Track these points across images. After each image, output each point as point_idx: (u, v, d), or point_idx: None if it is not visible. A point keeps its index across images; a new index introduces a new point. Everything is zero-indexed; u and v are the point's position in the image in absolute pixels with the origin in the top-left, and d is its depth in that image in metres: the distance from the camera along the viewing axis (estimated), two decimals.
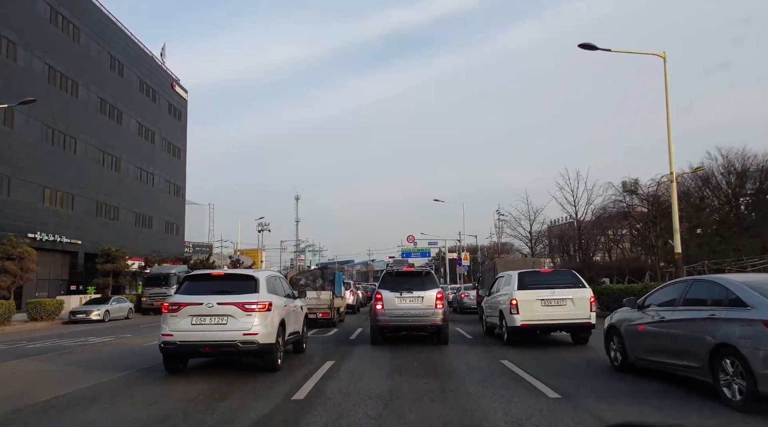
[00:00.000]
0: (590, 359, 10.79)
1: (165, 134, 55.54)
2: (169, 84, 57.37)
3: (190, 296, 8.76)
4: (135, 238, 47.88)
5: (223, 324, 8.48)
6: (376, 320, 13.08)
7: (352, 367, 9.49)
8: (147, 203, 50.88)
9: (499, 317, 14.38)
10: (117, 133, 45.93)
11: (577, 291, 13.31)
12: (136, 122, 49.41)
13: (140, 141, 50.34)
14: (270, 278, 9.90)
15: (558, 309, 13.17)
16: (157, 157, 53.49)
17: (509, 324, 13.33)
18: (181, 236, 60.48)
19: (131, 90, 48.76)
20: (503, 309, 13.92)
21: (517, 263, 20.99)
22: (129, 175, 48.06)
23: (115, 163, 45.66)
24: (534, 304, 13.09)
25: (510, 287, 13.85)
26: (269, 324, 8.77)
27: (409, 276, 13.96)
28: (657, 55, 17.72)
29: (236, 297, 8.66)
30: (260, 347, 8.53)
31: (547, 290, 13.23)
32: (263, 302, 8.72)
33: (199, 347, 8.52)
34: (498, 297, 14.90)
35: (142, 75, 50.81)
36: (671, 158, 17.50)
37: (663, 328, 7.99)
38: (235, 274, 10.26)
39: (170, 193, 56.96)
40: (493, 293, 15.97)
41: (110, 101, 44.82)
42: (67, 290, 38.10)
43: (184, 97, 60.81)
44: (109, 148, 44.57)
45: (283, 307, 9.75)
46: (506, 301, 13.70)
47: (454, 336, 15.08)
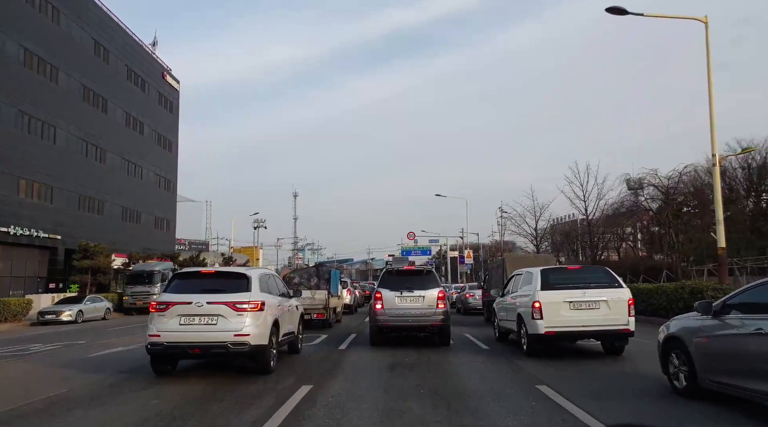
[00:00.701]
0: (635, 376, 8.59)
1: (155, 126, 53.16)
2: (160, 73, 54.98)
3: (178, 295, 8.48)
4: (122, 233, 45.53)
5: (212, 324, 8.19)
6: (376, 320, 12.59)
7: (334, 399, 6.90)
8: (135, 197, 48.52)
9: (516, 321, 12.19)
10: (102, 122, 43.54)
11: (613, 292, 11.13)
12: (123, 112, 47.02)
13: (128, 132, 47.96)
14: (263, 276, 9.55)
15: (589, 313, 10.96)
16: (146, 149, 51.12)
17: (530, 331, 11.16)
18: (172, 232, 58.14)
19: (118, 78, 46.37)
20: (522, 313, 11.73)
21: (527, 260, 18.68)
22: (115, 167, 45.68)
23: (99, 154, 43.27)
24: (561, 307, 10.94)
25: (531, 286, 11.67)
26: (261, 324, 8.47)
27: (409, 275, 13.30)
28: (698, 19, 15.47)
29: (227, 296, 8.38)
30: (252, 348, 8.22)
31: (576, 290, 11.10)
32: (255, 302, 8.43)
33: (187, 348, 8.25)
34: (515, 298, 12.66)
35: (130, 63, 48.43)
36: (713, 137, 15.20)
37: (760, 344, 5.69)
38: (226, 272, 9.78)
39: (160, 187, 54.60)
40: (508, 293, 13.76)
41: (94, 89, 42.42)
42: (45, 288, 35.77)
43: (175, 88, 58.42)
44: (93, 138, 42.18)
45: (277, 306, 9.43)
46: (526, 303, 11.51)
47: (464, 344, 12.82)
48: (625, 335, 11.16)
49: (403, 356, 10.78)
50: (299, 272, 22.00)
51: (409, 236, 59.59)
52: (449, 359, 10.35)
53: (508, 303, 13.37)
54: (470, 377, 8.46)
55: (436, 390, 7.37)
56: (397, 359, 10.34)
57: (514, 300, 12.80)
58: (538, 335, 10.96)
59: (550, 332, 11.01)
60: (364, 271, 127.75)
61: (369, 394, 7.21)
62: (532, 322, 11.10)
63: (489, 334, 15.44)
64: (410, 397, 6.96)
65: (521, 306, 12.01)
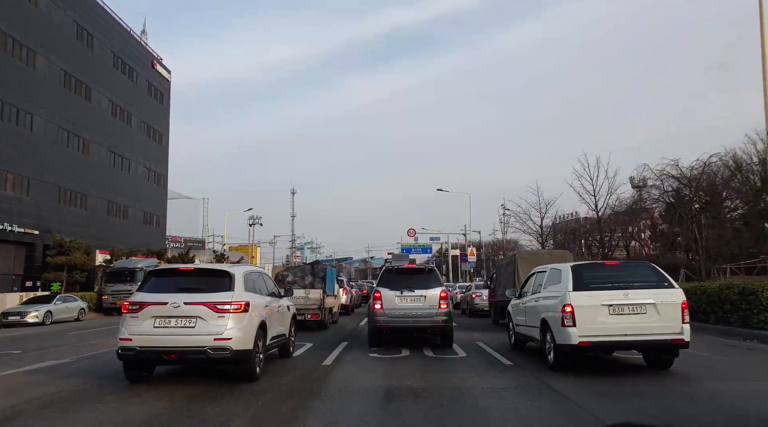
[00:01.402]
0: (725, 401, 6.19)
1: (144, 117, 50.85)
2: (149, 62, 52.66)
3: (153, 295, 7.88)
4: (107, 229, 43.30)
5: (190, 327, 7.56)
6: (375, 320, 12.03)
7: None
8: (122, 191, 46.24)
9: (540, 328, 10.03)
10: (85, 111, 41.21)
11: (662, 293, 9.01)
12: (108, 101, 44.70)
13: (114, 122, 45.65)
14: (248, 273, 8.90)
15: (634, 320, 8.84)
16: (134, 141, 48.83)
17: (560, 341, 9.06)
18: (163, 228, 55.92)
19: (102, 65, 44.03)
20: (549, 318, 9.59)
21: (541, 256, 16.44)
22: (100, 160, 43.37)
23: (81, 144, 40.95)
24: (598, 312, 8.85)
25: (560, 286, 9.56)
26: (246, 327, 7.84)
27: (410, 273, 12.77)
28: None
29: (207, 296, 7.76)
30: (234, 354, 7.59)
31: (616, 290, 9.02)
32: (238, 302, 7.81)
33: (162, 353, 7.61)
34: (538, 301, 10.51)
35: (116, 49, 46.11)
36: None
37: None
38: (207, 269, 9.22)
39: (150, 181, 52.32)
40: (526, 294, 11.57)
41: (76, 75, 40.09)
42: (22, 286, 33.44)
43: (166, 78, 56.10)
44: (75, 127, 39.85)
45: (264, 307, 8.81)
46: (554, 307, 9.39)
47: (480, 356, 10.62)
48: (677, 347, 9.02)
49: (405, 376, 8.44)
50: (293, 270, 20.57)
51: (410, 232, 57.29)
52: (465, 382, 7.97)
53: (529, 306, 11.18)
54: (501, 417, 5.97)
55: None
56: (396, 381, 8.00)
57: (536, 303, 10.64)
58: (571, 345, 8.87)
59: (585, 343, 8.89)
60: (364, 270, 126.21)
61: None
62: (561, 330, 9.00)
63: (503, 340, 13.24)
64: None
65: (547, 310, 9.86)
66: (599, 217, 40.56)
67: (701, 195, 29.35)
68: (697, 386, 7.97)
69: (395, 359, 10.06)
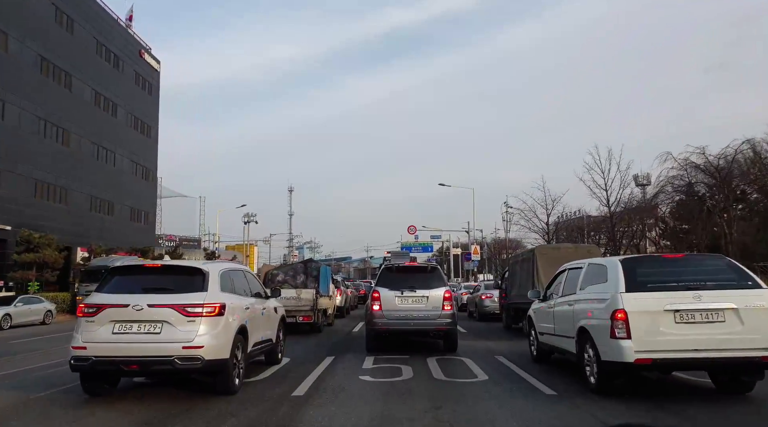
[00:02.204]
0: None
1: (131, 108, 48.43)
2: (137, 51, 50.24)
3: (113, 295, 6.97)
4: (90, 225, 40.93)
5: (155, 333, 6.69)
6: (373, 323, 11.26)
7: None
8: (107, 186, 43.84)
9: (576, 339, 7.86)
10: (65, 100, 38.79)
11: (746, 295, 6.86)
12: (91, 90, 42.29)
13: (97, 113, 43.21)
14: (226, 272, 7.90)
15: (709, 330, 6.71)
16: (120, 133, 46.41)
17: (608, 357, 6.94)
18: (152, 226, 53.53)
19: (85, 52, 41.60)
20: (590, 327, 7.41)
21: (565, 251, 14.03)
22: (81, 152, 40.94)
23: (61, 135, 38.52)
24: (661, 319, 6.74)
25: (605, 286, 7.38)
26: (221, 333, 6.92)
27: (411, 272, 11.83)
28: None
29: (175, 297, 6.88)
30: (206, 364, 6.67)
31: (683, 291, 6.87)
32: (212, 304, 6.91)
33: (121, 363, 6.70)
34: (575, 305, 8.23)
35: (100, 36, 43.69)
36: None
37: None
38: (177, 266, 8.04)
39: (137, 175, 49.90)
40: (553, 296, 9.37)
41: (55, 61, 37.67)
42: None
43: (155, 69, 53.67)
44: (54, 117, 37.44)
45: (245, 309, 7.85)
46: (599, 312, 7.23)
47: (507, 380, 8.17)
48: (765, 366, 6.79)
49: (409, 420, 5.83)
50: (284, 269, 18.92)
51: (410, 230, 54.89)
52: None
53: (559, 311, 8.91)
54: None
55: None
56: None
57: (569, 307, 8.38)
58: (622, 363, 6.69)
59: (644, 361, 6.69)
60: (363, 269, 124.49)
61: None
62: (610, 343, 6.86)
63: (522, 349, 11.06)
64: None
65: (587, 316, 7.60)
66: (611, 212, 38.46)
67: (732, 186, 26.89)
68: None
69: (394, 384, 7.63)
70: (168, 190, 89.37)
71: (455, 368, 9.06)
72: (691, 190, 34.77)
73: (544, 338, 9.70)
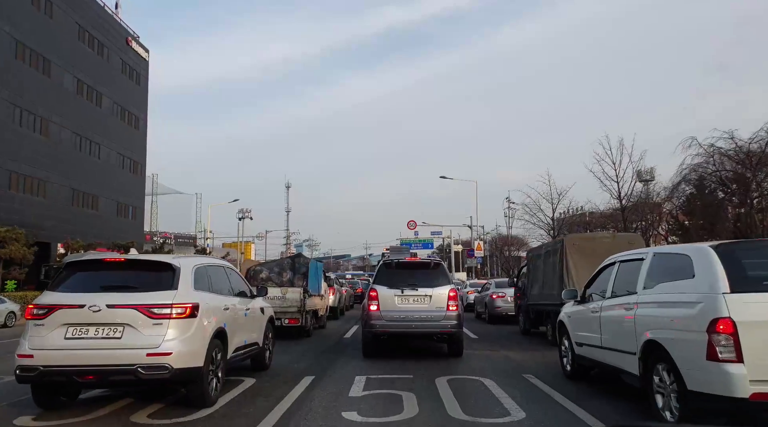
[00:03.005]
0: None
1: (117, 98, 46.11)
2: (124, 39, 47.87)
3: (67, 294, 6.19)
4: (72, 220, 38.67)
5: (115, 338, 5.92)
6: (370, 325, 10.16)
7: None
8: (90, 179, 41.56)
9: (641, 357, 5.78)
10: (43, 87, 36.51)
11: None
12: (73, 78, 39.97)
13: (79, 101, 40.90)
14: (202, 267, 7.06)
15: None
16: (105, 124, 44.10)
17: (700, 387, 4.84)
18: (140, 221, 51.27)
19: (65, 37, 39.26)
20: (668, 342, 5.31)
21: (601, 243, 11.74)
22: (62, 142, 38.64)
23: (39, 124, 36.22)
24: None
25: (693, 282, 5.20)
26: (193, 338, 6.15)
27: (412, 268, 10.81)
28: None
29: (139, 296, 6.14)
30: (175, 373, 5.88)
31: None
32: (183, 304, 6.15)
33: (75, 373, 5.89)
34: (635, 309, 6.04)
35: (83, 21, 41.36)
36: None
37: None
38: (143, 261, 7.26)
39: (124, 168, 47.61)
40: (596, 297, 7.35)
41: (32, 46, 35.36)
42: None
43: (143, 58, 51.33)
44: (30, 104, 35.16)
45: (224, 310, 7.05)
46: (683, 321, 5.15)
47: (545, 414, 5.83)
48: None
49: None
50: (268, 265, 17.03)
51: (410, 225, 52.77)
52: None
53: (608, 316, 6.77)
54: None
55: None
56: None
57: (628, 311, 6.15)
58: (731, 399, 4.55)
59: (763, 396, 4.49)
60: (361, 267, 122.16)
61: None
62: (708, 367, 4.74)
63: (549, 360, 8.94)
64: None
65: (661, 326, 5.46)
66: (623, 206, 36.66)
67: (754, 172, 24.63)
68: None
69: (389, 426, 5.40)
70: (164, 187, 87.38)
71: (476, 395, 6.80)
72: (702, 184, 33.18)
73: (584, 351, 7.52)
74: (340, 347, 12.12)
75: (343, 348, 11.90)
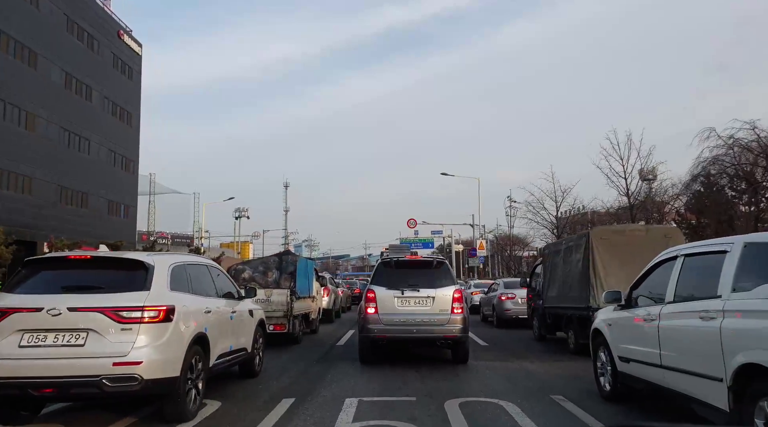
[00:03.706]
0: None
1: (108, 92, 44.59)
2: (115, 32, 46.36)
3: (23, 296, 5.58)
4: (60, 219, 37.14)
5: (77, 346, 5.30)
6: (367, 329, 9.43)
7: None
8: (79, 176, 40.03)
9: (734, 385, 4.16)
10: (28, 80, 34.95)
11: None
12: (60, 70, 38.43)
13: (67, 95, 39.35)
14: (180, 266, 6.44)
15: None
16: (95, 120, 42.54)
17: None
18: (133, 220, 49.76)
19: (53, 28, 37.72)
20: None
21: (632, 236, 10.21)
22: (48, 137, 37.08)
23: (23, 117, 34.67)
24: None
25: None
26: (168, 344, 5.56)
27: (413, 267, 9.94)
28: None
29: (106, 297, 5.50)
30: (146, 385, 5.29)
31: None
32: (156, 307, 5.52)
33: (31, 386, 5.23)
34: (722, 318, 4.45)
35: (72, 12, 39.84)
36: None
37: None
38: (112, 258, 6.34)
39: (116, 166, 46.10)
40: (653, 298, 5.81)
41: (16, 37, 33.87)
42: None
43: (136, 52, 49.81)
44: (15, 98, 33.63)
45: (205, 313, 6.42)
46: None
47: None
48: None
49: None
50: (252, 264, 15.22)
51: (409, 223, 51.32)
52: None
53: (673, 326, 5.20)
54: None
55: None
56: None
57: (708, 322, 4.59)
58: None
59: None
60: (361, 267, 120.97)
61: None
62: None
63: (579, 373, 7.41)
64: None
65: (765, 345, 3.85)
66: (631, 203, 35.46)
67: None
68: None
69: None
70: (162, 187, 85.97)
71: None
72: (710, 182, 32.19)
73: (632, 368, 6.02)
74: (331, 358, 10.62)
75: (335, 359, 10.41)
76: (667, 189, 37.82)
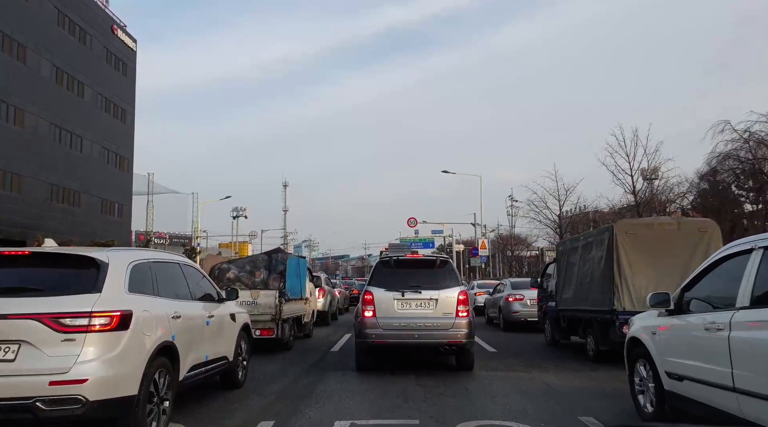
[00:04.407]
0: None
1: (101, 88, 43.57)
2: (109, 27, 45.36)
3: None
4: (51, 218, 36.18)
5: (6, 361, 4.47)
6: (365, 334, 8.67)
7: None
8: (71, 173, 39.05)
9: None
10: (18, 75, 33.99)
11: None
12: (51, 65, 37.42)
13: (58, 90, 38.34)
14: (143, 264, 5.57)
15: None
16: (88, 116, 41.54)
17: None
18: (127, 219, 48.74)
19: (43, 22, 36.70)
20: None
21: (662, 231, 9.08)
22: (38, 134, 36.06)
23: (12, 113, 33.68)
24: None
25: None
26: (122, 357, 4.71)
27: (414, 267, 9.26)
28: None
29: (44, 301, 4.67)
30: (93, 407, 4.46)
31: None
32: (108, 312, 4.68)
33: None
34: None
35: (63, 6, 38.82)
36: None
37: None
38: (56, 255, 5.41)
39: (109, 163, 45.09)
40: (717, 303, 4.72)
41: (5, 31, 32.83)
42: None
43: (131, 47, 48.81)
44: (4, 93, 32.67)
45: (173, 318, 5.57)
46: None
47: None
48: None
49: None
50: (238, 262, 13.91)
51: (410, 222, 50.25)
52: None
53: (745, 338, 4.18)
54: None
55: None
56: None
57: None
58: None
59: None
60: (361, 267, 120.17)
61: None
62: None
63: (611, 390, 6.30)
64: None
65: None
66: (637, 201, 34.59)
67: None
68: None
69: None
70: (160, 187, 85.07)
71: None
72: (716, 180, 31.46)
73: (687, 388, 4.91)
74: (323, 366, 9.54)
75: (328, 368, 9.34)
76: (673, 187, 37.04)
